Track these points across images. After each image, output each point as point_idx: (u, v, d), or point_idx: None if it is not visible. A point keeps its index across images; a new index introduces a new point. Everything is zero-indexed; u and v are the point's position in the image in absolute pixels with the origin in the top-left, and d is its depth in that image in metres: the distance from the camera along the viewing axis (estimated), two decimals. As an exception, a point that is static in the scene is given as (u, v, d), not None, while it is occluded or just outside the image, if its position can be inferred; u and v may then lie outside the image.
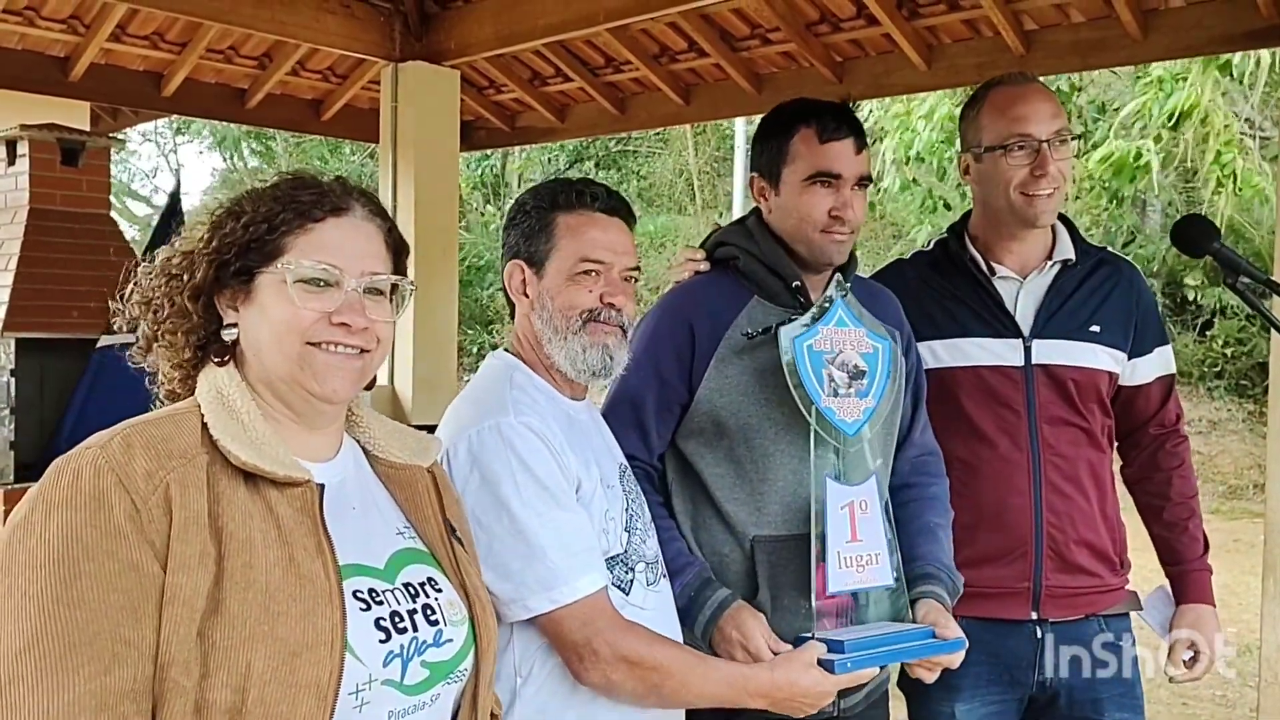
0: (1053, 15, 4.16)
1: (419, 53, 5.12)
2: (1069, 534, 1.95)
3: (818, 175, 1.76)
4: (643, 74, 5.28)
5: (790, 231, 1.80)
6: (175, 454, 1.10)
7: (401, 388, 5.14)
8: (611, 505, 1.57)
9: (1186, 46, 4.09)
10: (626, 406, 1.79)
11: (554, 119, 5.93)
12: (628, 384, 1.77)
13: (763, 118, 1.90)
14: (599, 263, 1.57)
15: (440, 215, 5.33)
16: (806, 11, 4.59)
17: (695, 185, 14.88)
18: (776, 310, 1.79)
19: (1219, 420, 10.22)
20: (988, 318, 1.98)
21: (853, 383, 1.71)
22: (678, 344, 1.79)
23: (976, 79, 4.87)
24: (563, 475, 1.49)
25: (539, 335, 1.58)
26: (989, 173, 1.97)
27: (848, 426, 1.70)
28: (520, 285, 1.62)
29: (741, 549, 1.74)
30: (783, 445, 1.74)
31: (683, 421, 1.80)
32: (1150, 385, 2.06)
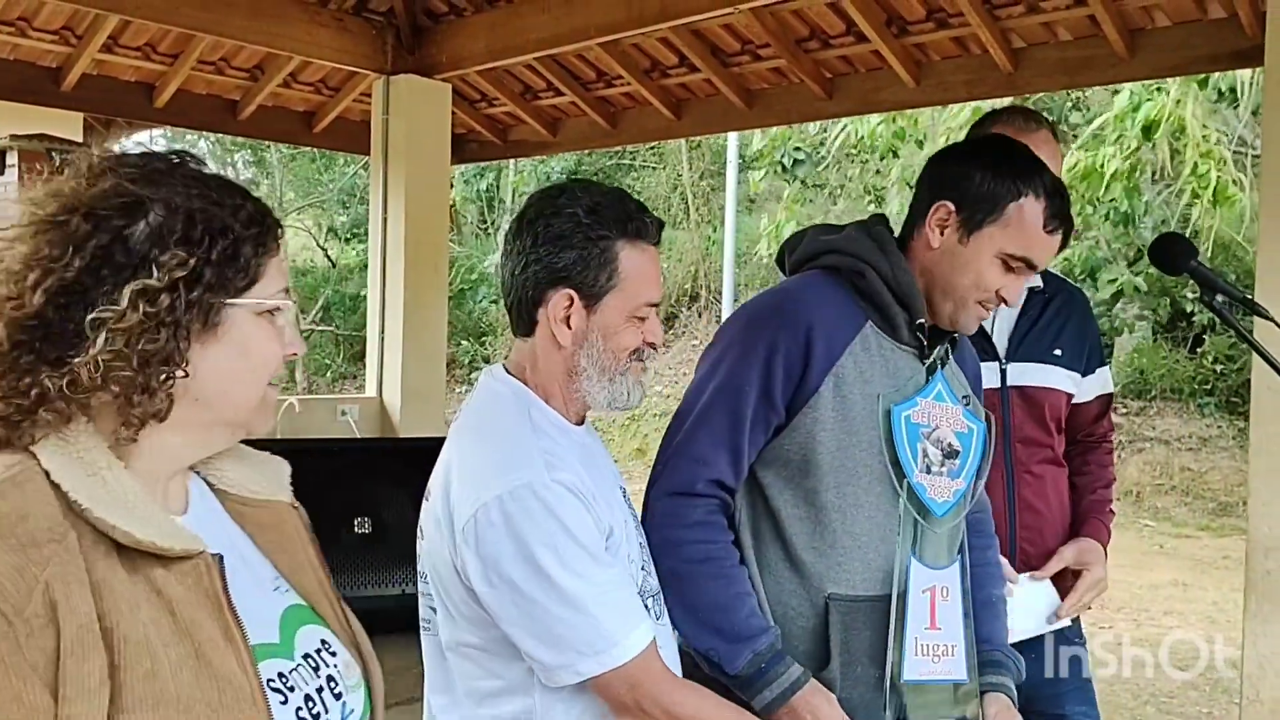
0: (1040, 34, 4.19)
1: (411, 66, 5.14)
2: (1039, 547, 2.04)
3: (1019, 259, 1.60)
4: (634, 88, 5.30)
5: (946, 282, 1.62)
6: (41, 538, 0.83)
7: (390, 399, 5.13)
8: (630, 545, 1.51)
9: (1173, 66, 4.11)
10: (722, 423, 1.60)
11: (546, 133, 5.95)
12: (724, 396, 1.61)
13: (983, 144, 1.70)
14: (656, 305, 1.50)
15: (431, 227, 5.34)
16: (796, 28, 4.61)
17: (689, 200, 14.91)
18: (891, 344, 1.64)
19: (1209, 437, 10.23)
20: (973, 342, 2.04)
21: (946, 462, 1.62)
22: (790, 357, 1.59)
23: (965, 96, 4.92)
24: (598, 530, 1.41)
25: (577, 370, 1.46)
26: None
27: (937, 506, 1.62)
28: (564, 314, 1.45)
29: (813, 605, 1.59)
30: (872, 498, 1.60)
31: (768, 445, 1.62)
32: (1091, 402, 2.18)
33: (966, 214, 1.60)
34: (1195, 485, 9.82)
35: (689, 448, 1.62)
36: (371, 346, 5.30)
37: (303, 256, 18.29)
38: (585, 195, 1.48)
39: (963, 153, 1.70)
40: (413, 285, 5.19)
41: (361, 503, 2.45)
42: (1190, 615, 6.35)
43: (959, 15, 4.14)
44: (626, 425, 12.80)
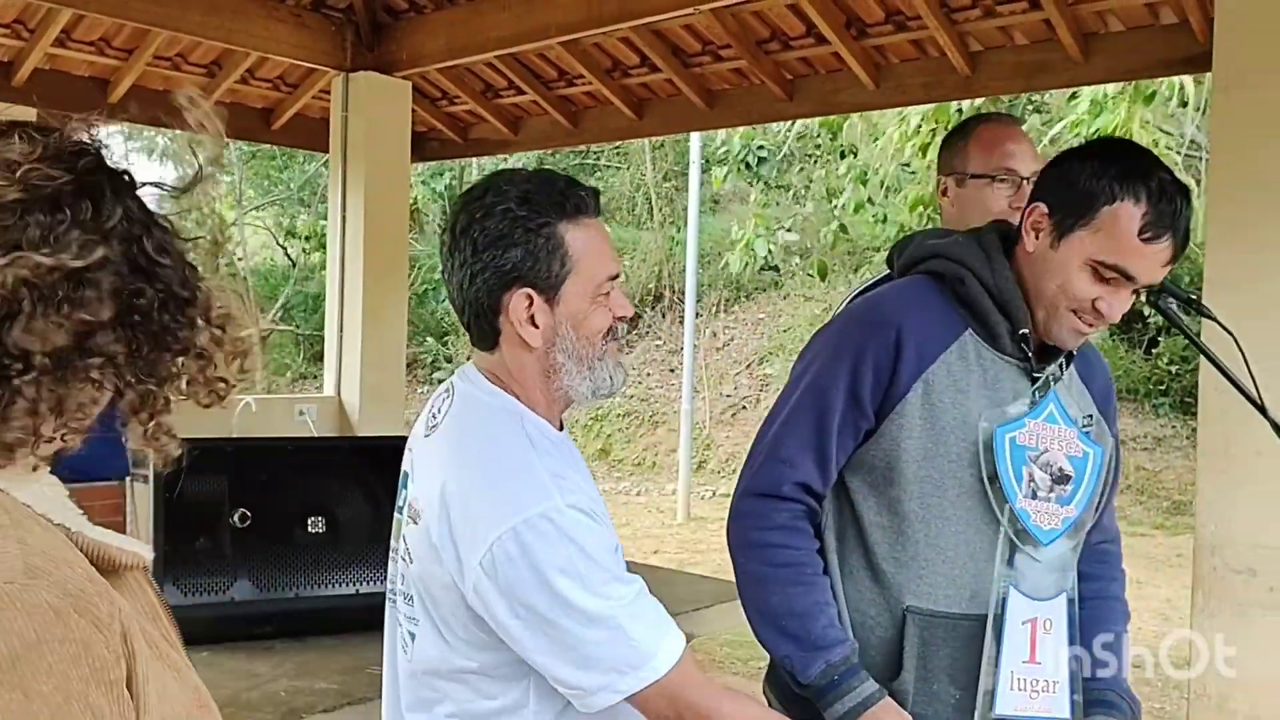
0: (997, 37, 4.23)
1: (370, 63, 5.11)
2: None
3: (1110, 268, 1.49)
4: (595, 88, 5.29)
5: (1036, 287, 1.55)
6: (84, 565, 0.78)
7: (349, 398, 5.10)
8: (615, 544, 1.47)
9: (1126, 70, 4.17)
10: (809, 425, 1.57)
11: (507, 131, 5.93)
12: (812, 398, 1.57)
13: (1096, 144, 1.61)
14: (616, 278, 1.42)
15: (390, 226, 5.31)
16: (757, 29, 4.63)
17: (653, 200, 14.93)
18: (992, 355, 1.57)
19: (1163, 437, 10.40)
20: None
21: (1055, 487, 1.54)
22: (879, 360, 1.54)
23: (923, 98, 4.96)
24: (611, 546, 1.36)
25: (556, 368, 1.39)
26: (971, 198, 2.05)
27: (1043, 535, 1.54)
28: (527, 314, 1.37)
29: (891, 615, 1.55)
30: (961, 512, 1.55)
31: (857, 449, 1.58)
32: None
33: (1058, 216, 1.52)
34: (1150, 484, 9.98)
35: (776, 449, 1.59)
36: (330, 346, 5.26)
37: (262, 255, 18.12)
38: (512, 186, 1.39)
39: (1072, 153, 1.60)
40: (372, 284, 5.15)
41: (315, 502, 2.43)
42: (1144, 612, 6.45)
43: (917, 18, 4.18)
44: (590, 426, 12.79)
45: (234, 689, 2.09)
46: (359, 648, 2.36)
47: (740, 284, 13.61)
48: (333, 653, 2.33)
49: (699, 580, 3.46)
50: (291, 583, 2.38)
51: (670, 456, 11.87)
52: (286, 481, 2.44)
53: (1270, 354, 2.57)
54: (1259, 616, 2.78)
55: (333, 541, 2.43)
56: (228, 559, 2.32)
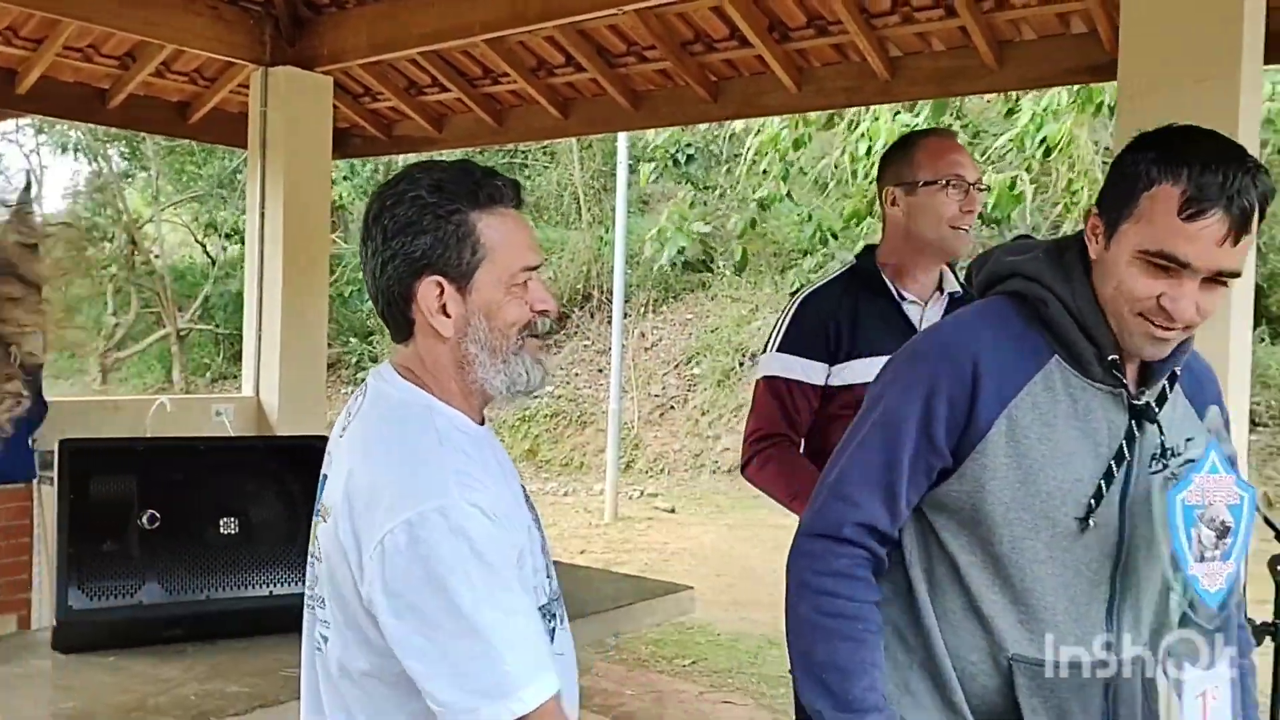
0: (915, 43, 4.32)
1: (290, 58, 5.03)
2: None
3: (1158, 256, 1.34)
4: (520, 86, 5.28)
5: (1103, 297, 1.42)
6: None
7: (267, 398, 5.01)
8: (534, 551, 1.41)
9: (1038, 77, 4.29)
10: (877, 462, 1.45)
11: (431, 129, 5.88)
12: (882, 433, 1.45)
13: (1139, 137, 1.42)
14: (534, 269, 1.38)
15: (311, 224, 5.23)
16: (681, 31, 4.66)
17: (581, 200, 14.92)
18: (1082, 383, 1.43)
19: None
20: (900, 338, 2.17)
21: (1219, 543, 1.41)
22: (954, 396, 1.42)
23: (844, 102, 5.04)
24: (511, 553, 1.31)
25: (469, 359, 1.36)
26: (922, 204, 2.15)
27: (1211, 598, 1.40)
28: (438, 304, 1.34)
29: (995, 664, 1.44)
30: (1058, 553, 1.42)
31: (937, 487, 1.46)
32: None
33: (1108, 215, 1.40)
34: None
35: (840, 487, 1.48)
36: (249, 345, 5.16)
37: (181, 253, 17.71)
38: (426, 175, 1.36)
39: (1125, 147, 1.46)
40: (292, 282, 5.07)
41: (228, 503, 2.38)
42: None
43: (838, 23, 4.24)
44: (516, 426, 12.74)
45: (141, 694, 2.04)
46: (272, 650, 2.32)
47: (668, 284, 13.67)
48: (245, 655, 2.28)
49: (622, 579, 3.47)
50: (203, 585, 2.33)
51: (598, 457, 11.87)
52: (198, 482, 2.38)
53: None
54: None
55: (246, 543, 2.38)
56: (135, 561, 2.26)
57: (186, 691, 2.05)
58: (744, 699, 4.87)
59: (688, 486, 11.14)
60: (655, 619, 3.17)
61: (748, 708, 4.77)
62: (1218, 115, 2.77)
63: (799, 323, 2.20)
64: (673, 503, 10.43)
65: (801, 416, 2.17)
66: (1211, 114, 2.78)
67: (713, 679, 5.15)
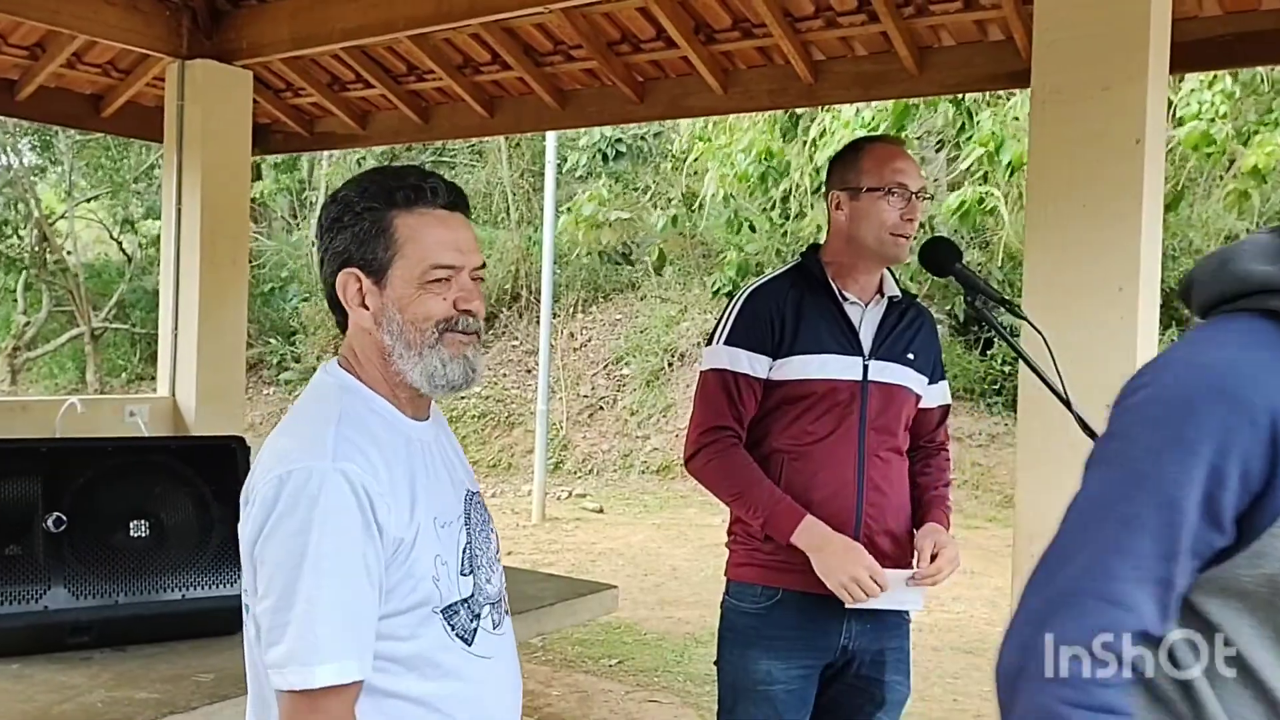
0: (838, 48, 4.37)
1: (208, 51, 4.91)
2: (879, 524, 2.20)
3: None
4: (446, 84, 5.23)
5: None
6: None
7: (184, 400, 4.89)
8: (444, 548, 1.42)
9: (957, 83, 4.37)
10: (1150, 546, 1.07)
11: (355, 125, 5.80)
12: (1150, 510, 1.07)
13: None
14: (450, 267, 1.42)
15: (230, 221, 5.12)
16: (608, 31, 4.66)
17: (509, 199, 14.84)
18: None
19: (997, 434, 10.94)
20: (840, 338, 2.23)
21: None
22: (1249, 457, 1.06)
23: (769, 104, 5.08)
24: (369, 535, 1.33)
25: (386, 350, 1.43)
26: (865, 210, 2.22)
27: None
28: (357, 296, 1.44)
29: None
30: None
31: (1212, 568, 1.11)
32: (934, 410, 2.39)
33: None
34: (984, 479, 10.48)
35: (1101, 581, 1.08)
36: (164, 344, 5.03)
37: (95, 250, 17.22)
38: (364, 177, 1.47)
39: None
40: (210, 280, 4.96)
41: (139, 505, 2.32)
42: (976, 601, 6.77)
43: (762, 26, 4.28)
44: (444, 427, 12.63)
45: (45, 702, 1.97)
46: (184, 655, 2.27)
47: (597, 284, 13.67)
48: (155, 661, 2.22)
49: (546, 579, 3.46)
50: (112, 589, 2.26)
51: (527, 457, 11.82)
52: (107, 484, 2.32)
53: (1082, 354, 2.75)
54: (1071, 600, 2.94)
55: (158, 546, 2.32)
56: (40, 565, 2.19)
57: (93, 699, 1.99)
58: (669, 697, 4.89)
59: (616, 487, 11.16)
60: (579, 618, 3.17)
61: (673, 705, 4.79)
62: (1125, 122, 2.87)
63: (745, 316, 2.23)
64: (601, 503, 10.44)
65: (747, 409, 2.20)
66: (1119, 121, 2.88)
67: (639, 678, 5.16)
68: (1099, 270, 2.88)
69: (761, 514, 2.12)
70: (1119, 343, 2.86)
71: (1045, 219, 2.99)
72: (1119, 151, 2.87)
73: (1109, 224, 2.88)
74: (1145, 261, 2.88)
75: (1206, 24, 3.68)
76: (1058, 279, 2.94)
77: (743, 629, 2.19)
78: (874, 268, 2.28)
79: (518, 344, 13.71)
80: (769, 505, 2.11)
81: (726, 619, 2.25)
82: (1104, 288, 2.87)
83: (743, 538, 2.24)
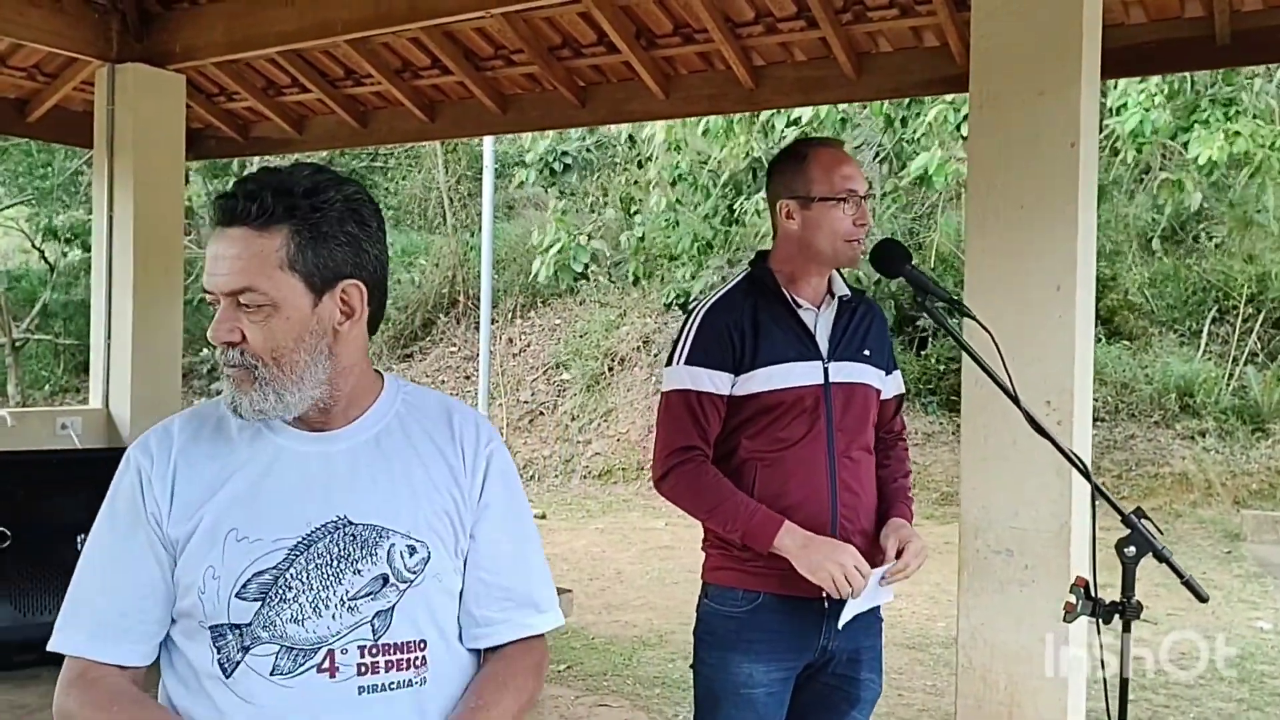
0: (778, 53, 4.43)
1: (139, 54, 4.81)
2: (854, 525, 2.21)
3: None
4: (385, 88, 5.19)
5: None
6: None
7: (118, 410, 4.77)
8: (225, 562, 1.29)
9: (894, 88, 4.46)
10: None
11: (291, 130, 5.72)
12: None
13: None
14: (211, 293, 1.31)
15: (163, 228, 5.02)
16: (549, 35, 4.66)
17: (446, 204, 14.73)
18: None
19: (932, 433, 11.12)
20: (798, 344, 2.23)
21: None
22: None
23: (709, 109, 5.14)
24: (134, 517, 1.34)
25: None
26: (818, 219, 2.20)
27: None
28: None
29: None
30: None
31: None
32: (890, 400, 2.41)
33: None
34: (921, 478, 10.64)
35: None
36: (97, 354, 4.91)
37: (16, 259, 16.72)
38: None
39: None
40: (144, 288, 4.85)
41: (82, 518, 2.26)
42: (916, 597, 6.88)
43: (704, 31, 4.32)
44: (382, 435, 12.48)
45: (-9, 724, 1.92)
46: (135, 672, 2.22)
47: (536, 289, 13.62)
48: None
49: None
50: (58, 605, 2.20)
51: (466, 464, 11.73)
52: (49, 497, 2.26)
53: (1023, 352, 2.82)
54: (1016, 592, 3.02)
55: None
56: (-18, 584, 2.13)
57: (45, 718, 1.94)
58: (620, 701, 4.89)
59: (558, 492, 11.12)
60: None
61: (624, 709, 4.79)
62: (1061, 126, 2.95)
63: (704, 334, 2.21)
64: (543, 508, 10.40)
65: (712, 427, 2.19)
66: (1055, 125, 2.96)
67: (588, 682, 5.16)
68: (1038, 269, 2.96)
69: (739, 527, 2.12)
70: (1058, 340, 2.94)
71: (985, 220, 3.06)
72: (1055, 154, 2.94)
73: (1047, 225, 2.95)
74: (1081, 260, 2.96)
75: (1132, 31, 3.80)
76: (998, 278, 3.01)
77: (724, 633, 2.19)
78: (826, 272, 2.30)
79: (456, 350, 13.60)
80: (746, 518, 2.11)
81: (706, 622, 2.24)
82: (1043, 286, 2.95)
83: (720, 542, 2.23)
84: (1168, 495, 9.34)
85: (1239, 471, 9.76)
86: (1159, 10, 3.74)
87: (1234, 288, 10.81)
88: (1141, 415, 10.39)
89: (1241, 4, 3.65)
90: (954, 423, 10.98)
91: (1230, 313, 10.83)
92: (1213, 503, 9.53)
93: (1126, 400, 10.19)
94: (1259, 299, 10.53)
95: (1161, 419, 10.38)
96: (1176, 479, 9.78)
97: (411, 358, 13.70)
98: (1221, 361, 10.56)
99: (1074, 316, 2.94)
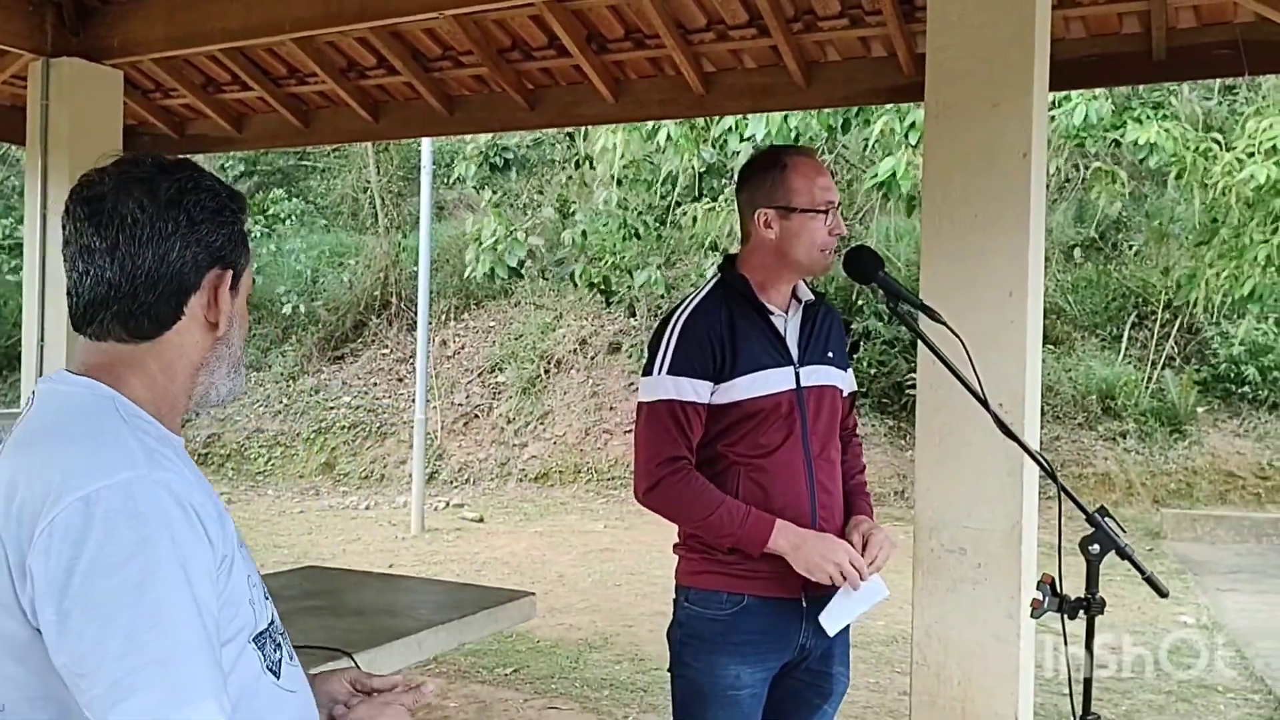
0: (728, 60, 4.47)
1: (75, 49, 4.68)
2: (830, 525, 2.26)
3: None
4: (329, 87, 5.11)
5: None
6: None
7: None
8: (250, 566, 1.25)
9: (843, 97, 4.53)
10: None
11: (230, 128, 5.61)
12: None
13: None
14: None
15: (100, 226, 4.88)
16: (499, 37, 4.64)
17: (378, 204, 14.55)
18: None
19: (865, 435, 11.30)
20: (772, 350, 2.26)
21: None
22: None
23: (660, 114, 5.17)
24: (202, 547, 1.14)
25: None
26: (797, 230, 2.24)
27: None
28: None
29: None
30: None
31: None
32: (845, 399, 2.46)
33: None
34: (854, 478, 10.80)
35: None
36: (28, 362, 4.76)
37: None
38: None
39: None
40: (79, 289, 4.71)
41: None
42: (855, 596, 6.99)
43: (655, 37, 4.34)
44: (312, 439, 12.29)
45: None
46: None
47: (470, 291, 13.52)
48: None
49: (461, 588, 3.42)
50: None
51: (400, 468, 11.61)
52: None
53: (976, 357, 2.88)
54: (969, 590, 3.10)
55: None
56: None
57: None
58: (569, 704, 4.89)
59: (495, 495, 11.06)
60: (499, 627, 3.14)
61: (573, 712, 4.79)
62: (1014, 136, 3.04)
63: (685, 342, 2.22)
64: (480, 512, 10.33)
65: (695, 436, 2.20)
66: (1008, 135, 3.04)
67: (535, 685, 5.15)
68: (991, 276, 3.04)
69: (732, 532, 2.14)
70: (1011, 345, 3.02)
71: (940, 228, 3.13)
72: (1008, 164, 3.03)
73: (1000, 232, 3.03)
74: (1033, 267, 3.05)
75: (1073, 45, 3.93)
76: (953, 285, 3.08)
77: (709, 636, 2.20)
78: (797, 278, 2.34)
79: (388, 352, 13.44)
80: (739, 523, 2.14)
81: (688, 626, 2.25)
82: (996, 292, 3.03)
83: (700, 546, 2.24)
84: (1091, 495, 9.62)
85: (1158, 471, 10.11)
86: (1099, 25, 3.87)
87: (1152, 294, 11.20)
88: (1065, 417, 10.71)
89: (1176, 21, 3.79)
90: (885, 424, 11.16)
91: (1149, 318, 11.21)
92: (1134, 502, 9.86)
93: (1051, 402, 10.48)
94: (1174, 305, 10.91)
95: (1084, 421, 10.71)
96: (1099, 479, 10.10)
97: (342, 359, 13.50)
98: (1141, 365, 10.93)
99: (1025, 321, 3.03)
